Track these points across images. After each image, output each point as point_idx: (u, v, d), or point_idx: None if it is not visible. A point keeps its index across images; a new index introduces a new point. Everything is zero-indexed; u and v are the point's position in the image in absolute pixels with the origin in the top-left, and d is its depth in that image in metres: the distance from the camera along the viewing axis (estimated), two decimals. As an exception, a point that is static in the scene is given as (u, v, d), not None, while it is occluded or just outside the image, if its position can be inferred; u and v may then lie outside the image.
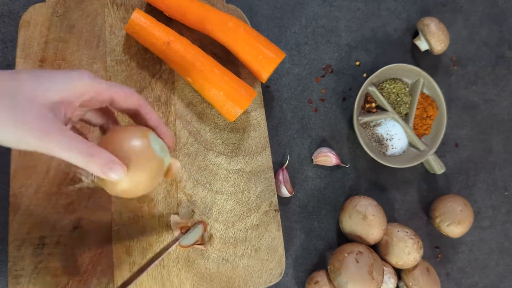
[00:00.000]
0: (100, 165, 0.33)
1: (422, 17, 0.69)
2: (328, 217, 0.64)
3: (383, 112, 0.65)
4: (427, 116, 0.65)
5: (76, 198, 0.53)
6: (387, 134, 0.65)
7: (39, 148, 0.30)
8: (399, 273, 0.62)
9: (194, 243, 0.54)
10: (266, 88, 0.65)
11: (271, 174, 0.58)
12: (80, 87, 0.33)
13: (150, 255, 0.53)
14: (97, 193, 0.54)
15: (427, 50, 0.69)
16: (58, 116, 0.32)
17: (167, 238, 0.54)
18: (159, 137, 0.41)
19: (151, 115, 0.40)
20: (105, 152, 0.33)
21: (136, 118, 0.41)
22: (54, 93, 0.31)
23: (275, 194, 0.58)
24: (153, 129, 0.41)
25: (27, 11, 0.56)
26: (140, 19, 0.54)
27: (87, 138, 0.36)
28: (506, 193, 0.70)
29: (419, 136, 0.66)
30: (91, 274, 0.52)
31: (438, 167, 0.65)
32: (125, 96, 0.37)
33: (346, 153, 0.66)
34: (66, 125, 0.33)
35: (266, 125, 0.59)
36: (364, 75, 0.68)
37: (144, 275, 0.53)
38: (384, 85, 0.66)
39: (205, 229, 0.55)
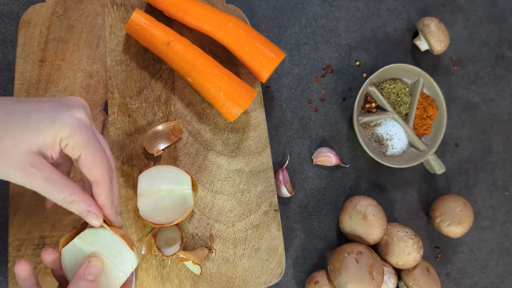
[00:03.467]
0: (80, 211, 0.35)
1: (422, 17, 0.69)
2: (328, 217, 0.64)
3: (383, 112, 0.65)
4: (427, 116, 0.65)
5: (76, 198, 0.53)
6: (387, 134, 0.65)
7: (26, 186, 0.33)
8: (399, 273, 0.62)
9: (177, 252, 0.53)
10: (266, 88, 0.65)
11: (271, 174, 0.58)
12: (60, 134, 0.33)
13: None
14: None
15: (427, 50, 0.69)
16: (45, 158, 0.33)
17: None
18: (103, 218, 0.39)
19: (100, 193, 0.37)
20: (85, 200, 0.35)
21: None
22: (37, 140, 0.32)
23: (275, 194, 0.58)
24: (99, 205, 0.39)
25: (27, 11, 0.56)
26: (140, 19, 0.54)
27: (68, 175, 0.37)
28: (506, 193, 0.70)
29: (419, 136, 0.66)
30: (91, 274, 0.52)
31: (438, 167, 0.65)
32: (90, 164, 0.35)
33: (346, 153, 0.66)
34: (53, 164, 0.34)
35: (266, 125, 0.59)
36: (364, 75, 0.68)
37: (144, 275, 0.53)
38: (384, 85, 0.66)
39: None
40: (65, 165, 0.40)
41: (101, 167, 0.36)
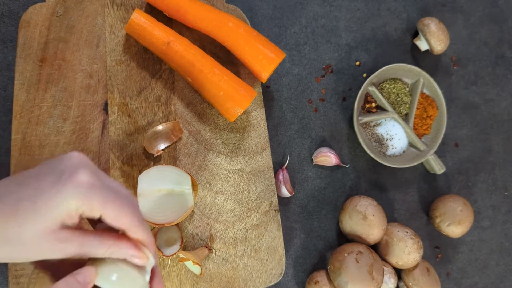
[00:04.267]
0: (124, 256, 0.35)
1: (422, 17, 0.69)
2: (328, 217, 0.64)
3: (383, 112, 0.65)
4: (427, 116, 0.65)
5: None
6: (387, 134, 0.65)
7: (71, 257, 0.33)
8: (399, 273, 0.62)
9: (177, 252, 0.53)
10: (266, 88, 0.65)
11: (271, 174, 0.58)
12: (73, 206, 0.32)
13: None
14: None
15: (427, 50, 0.69)
16: (69, 227, 0.33)
17: (167, 238, 0.54)
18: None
19: (138, 238, 0.36)
20: (122, 245, 0.35)
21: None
22: (52, 220, 0.31)
23: (275, 194, 0.58)
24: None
25: (27, 11, 0.56)
26: (140, 19, 0.54)
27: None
28: (506, 193, 0.70)
29: (419, 136, 0.66)
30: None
31: (438, 167, 0.65)
32: (115, 218, 0.34)
33: (346, 153, 0.66)
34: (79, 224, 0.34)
35: (266, 125, 0.59)
36: (364, 75, 0.68)
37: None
38: (384, 85, 0.66)
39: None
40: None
41: (126, 216, 0.34)
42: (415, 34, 0.70)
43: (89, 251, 0.33)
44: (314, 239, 0.63)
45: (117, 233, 0.36)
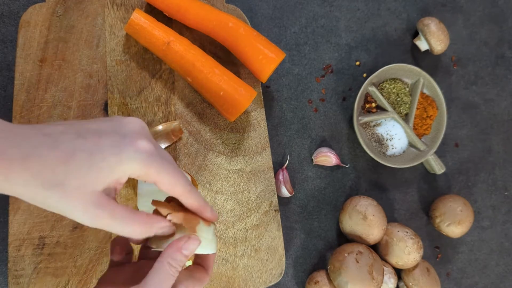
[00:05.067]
0: (151, 235, 0.34)
1: (422, 17, 0.69)
2: (328, 217, 0.64)
3: (383, 112, 0.65)
4: (427, 116, 0.65)
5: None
6: (387, 134, 0.65)
7: (95, 227, 0.32)
8: (399, 273, 0.62)
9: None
10: (266, 88, 0.65)
11: (271, 174, 0.58)
12: (130, 171, 0.32)
13: None
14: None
15: (427, 50, 0.69)
16: (109, 195, 0.32)
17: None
18: (202, 218, 0.39)
19: (192, 203, 0.37)
20: (151, 226, 0.34)
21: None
22: (104, 179, 0.31)
23: (275, 194, 0.58)
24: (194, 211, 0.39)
25: (27, 11, 0.56)
26: (140, 19, 0.54)
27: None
28: (506, 193, 0.70)
29: (419, 136, 0.66)
30: (91, 274, 0.52)
31: (438, 167, 0.65)
32: (169, 185, 0.35)
33: (346, 153, 0.66)
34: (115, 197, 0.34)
35: (266, 125, 0.59)
36: (364, 75, 0.68)
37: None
38: (384, 85, 0.66)
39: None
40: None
41: (180, 184, 0.35)
42: (415, 34, 0.70)
43: (119, 226, 0.32)
44: (314, 239, 0.63)
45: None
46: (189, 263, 0.52)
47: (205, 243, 0.37)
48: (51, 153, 0.30)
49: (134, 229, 0.33)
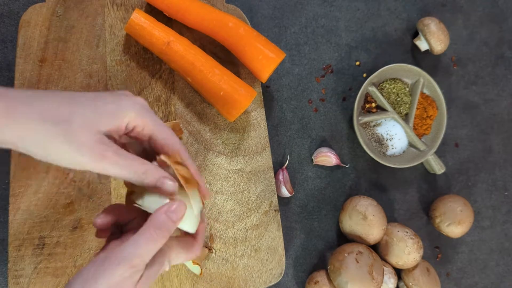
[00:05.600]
0: (154, 180, 0.35)
1: (422, 17, 0.69)
2: (328, 217, 0.64)
3: (383, 112, 0.65)
4: (427, 116, 0.65)
5: (76, 198, 0.53)
6: (387, 134, 0.65)
7: (94, 169, 0.33)
8: (399, 273, 0.62)
9: None
10: (266, 88, 0.65)
11: (271, 174, 0.58)
12: (128, 118, 0.34)
13: None
14: (97, 193, 0.54)
15: (427, 50, 0.69)
16: (110, 139, 0.34)
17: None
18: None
19: (187, 159, 0.39)
20: (157, 169, 0.36)
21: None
22: (106, 122, 0.33)
23: (275, 194, 0.58)
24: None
25: (27, 11, 0.56)
26: (140, 19, 0.54)
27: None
28: (506, 193, 0.70)
29: (419, 136, 0.66)
30: (91, 274, 0.52)
31: (438, 167, 0.65)
32: (165, 138, 0.37)
33: (346, 153, 0.66)
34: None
35: (266, 125, 0.59)
36: (364, 75, 0.68)
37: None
38: (384, 85, 0.66)
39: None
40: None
41: (175, 137, 0.38)
42: (415, 34, 0.70)
43: (122, 167, 0.33)
44: (314, 239, 0.63)
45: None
46: (196, 268, 0.52)
47: (189, 217, 0.37)
48: (55, 97, 0.32)
49: (136, 169, 0.34)
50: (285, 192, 0.61)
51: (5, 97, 0.30)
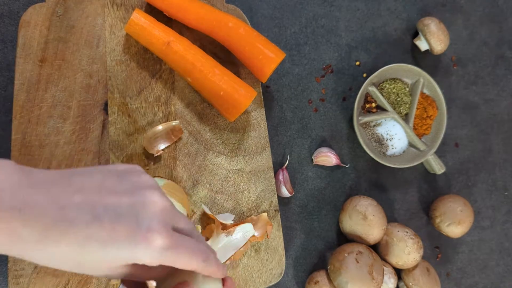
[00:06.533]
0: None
1: (422, 17, 0.69)
2: (328, 217, 0.64)
3: (383, 112, 0.65)
4: (427, 116, 0.65)
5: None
6: (387, 134, 0.65)
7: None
8: (399, 273, 0.62)
9: None
10: (266, 88, 0.65)
11: (271, 174, 0.58)
12: (142, 262, 0.31)
13: None
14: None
15: (427, 50, 0.69)
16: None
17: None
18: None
19: (210, 273, 0.36)
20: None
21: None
22: (117, 265, 0.31)
23: (275, 194, 0.58)
24: None
25: (27, 11, 0.56)
26: (140, 19, 0.54)
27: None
28: (506, 193, 0.70)
29: (419, 136, 0.66)
30: (91, 274, 0.52)
31: (438, 167, 0.65)
32: (185, 266, 0.33)
33: (346, 153, 0.66)
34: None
35: (266, 125, 0.59)
36: (364, 75, 0.68)
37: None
38: (384, 85, 0.66)
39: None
40: None
41: (194, 263, 0.33)
42: (415, 34, 0.70)
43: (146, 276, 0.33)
44: (314, 239, 0.63)
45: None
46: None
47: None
48: (64, 239, 0.29)
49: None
50: (285, 192, 0.61)
51: (43, 217, 0.28)
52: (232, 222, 0.55)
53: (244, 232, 0.54)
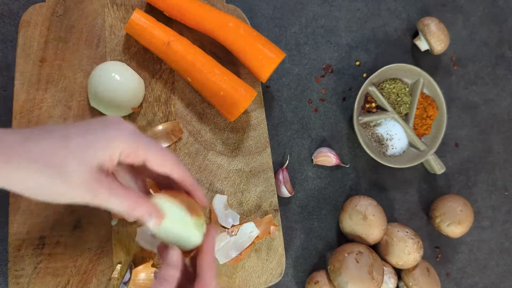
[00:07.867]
0: (142, 214, 0.37)
1: (422, 17, 0.69)
2: (328, 217, 0.64)
3: (383, 112, 0.65)
4: (427, 116, 0.65)
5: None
6: (387, 134, 0.65)
7: (91, 203, 0.34)
8: (399, 273, 0.62)
9: None
10: (266, 88, 0.65)
11: (271, 174, 0.58)
12: (120, 148, 0.35)
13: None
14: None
15: (427, 50, 0.69)
16: (104, 172, 0.35)
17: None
18: (194, 199, 0.41)
19: (186, 181, 0.40)
20: (146, 203, 0.37)
21: (166, 180, 0.41)
22: (98, 157, 0.34)
23: (275, 194, 0.58)
24: (186, 192, 0.41)
25: (27, 11, 0.56)
26: (140, 19, 0.54)
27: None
28: (506, 193, 0.70)
29: (419, 136, 0.66)
30: (91, 274, 0.52)
31: (438, 167, 0.65)
32: (159, 161, 0.37)
33: (346, 153, 0.66)
34: (109, 176, 0.36)
35: (266, 125, 0.59)
36: (364, 75, 0.68)
37: (144, 275, 0.53)
38: (384, 85, 0.66)
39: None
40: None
41: (169, 159, 0.38)
42: (415, 34, 0.70)
43: (115, 202, 0.35)
44: (314, 239, 0.63)
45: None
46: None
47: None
48: (47, 139, 0.33)
49: (128, 205, 0.35)
50: (285, 192, 0.61)
51: (2, 144, 0.32)
52: (238, 223, 0.55)
53: (249, 232, 0.54)
